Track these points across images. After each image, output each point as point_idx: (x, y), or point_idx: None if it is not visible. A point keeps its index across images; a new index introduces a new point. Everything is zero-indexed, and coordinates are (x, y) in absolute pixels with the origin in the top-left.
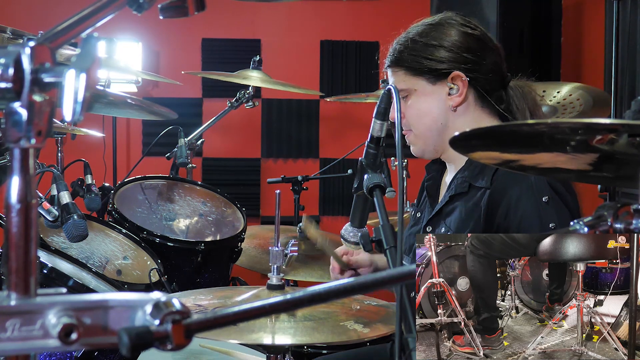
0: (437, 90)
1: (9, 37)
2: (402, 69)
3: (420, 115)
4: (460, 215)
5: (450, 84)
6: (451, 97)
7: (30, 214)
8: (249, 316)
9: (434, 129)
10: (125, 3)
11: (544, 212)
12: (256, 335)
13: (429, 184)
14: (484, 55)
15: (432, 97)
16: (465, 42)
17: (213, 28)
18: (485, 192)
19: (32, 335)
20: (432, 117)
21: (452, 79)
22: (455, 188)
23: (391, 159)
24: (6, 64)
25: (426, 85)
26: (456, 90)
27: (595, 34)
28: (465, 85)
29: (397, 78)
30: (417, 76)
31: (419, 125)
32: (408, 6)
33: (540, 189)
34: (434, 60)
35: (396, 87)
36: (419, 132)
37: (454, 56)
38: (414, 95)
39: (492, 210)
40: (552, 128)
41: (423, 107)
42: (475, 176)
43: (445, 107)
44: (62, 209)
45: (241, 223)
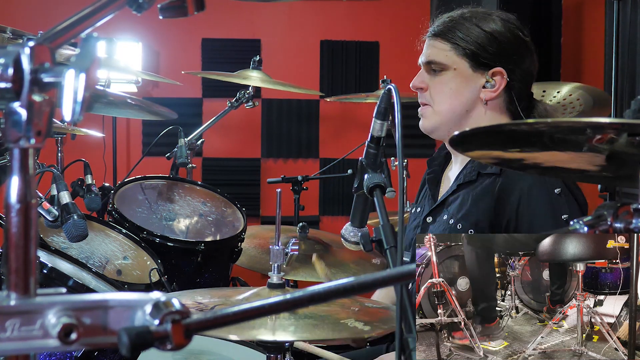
0: (474, 78)
1: (9, 37)
2: (449, 43)
3: (450, 94)
4: (465, 203)
5: (489, 77)
6: (486, 90)
7: (30, 214)
8: (248, 316)
9: (457, 112)
10: (125, 3)
11: (556, 203)
12: (256, 332)
13: (430, 177)
14: (526, 62)
15: (468, 81)
16: (514, 41)
17: (213, 28)
18: (496, 179)
19: (32, 335)
20: (460, 100)
21: (493, 73)
22: (464, 177)
23: (391, 159)
24: (6, 63)
25: (467, 69)
26: (492, 85)
27: (595, 34)
28: (503, 83)
29: (438, 50)
30: (461, 56)
31: (443, 103)
32: (408, 6)
33: (552, 181)
34: (482, 47)
35: (396, 88)
36: (441, 109)
37: (501, 51)
38: (450, 73)
39: (503, 198)
40: (552, 127)
41: (455, 87)
42: (484, 164)
43: (476, 96)
44: (62, 209)
45: (241, 223)
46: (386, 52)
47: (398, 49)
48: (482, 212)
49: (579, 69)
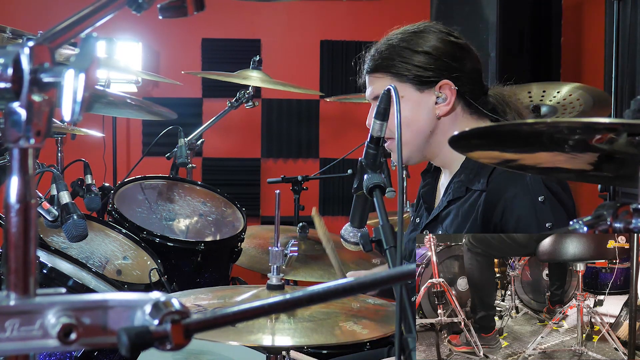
0: (424, 98)
1: (9, 37)
2: (387, 74)
3: (407, 122)
4: (456, 218)
5: (437, 93)
6: (438, 105)
7: (30, 214)
8: (248, 316)
9: (421, 136)
10: (124, 3)
11: (540, 211)
12: (255, 337)
13: (424, 191)
14: (467, 63)
15: (418, 104)
16: (450, 50)
17: (213, 28)
18: (481, 194)
19: (32, 335)
20: (418, 125)
21: (440, 87)
22: (452, 193)
23: (391, 159)
24: (5, 63)
25: (413, 92)
26: (443, 99)
27: (595, 34)
28: (453, 94)
29: (380, 84)
30: (403, 82)
31: (404, 134)
32: (408, 6)
33: (536, 189)
34: (422, 67)
35: (395, 88)
36: (405, 139)
37: (441, 64)
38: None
39: (488, 211)
40: (551, 127)
41: (410, 115)
42: (471, 180)
43: (432, 115)
44: (62, 209)
45: (241, 223)
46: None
47: None
48: (471, 228)
49: (579, 69)
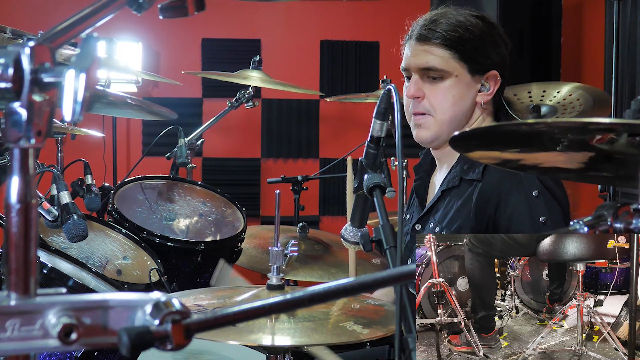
0: (472, 83)
1: (9, 37)
2: (449, 49)
3: (453, 101)
4: (449, 209)
5: (484, 81)
6: (482, 93)
7: (30, 214)
8: (248, 316)
9: (458, 119)
10: (125, 3)
11: (534, 206)
12: (255, 336)
13: (417, 185)
14: (506, 57)
15: (468, 87)
16: (503, 46)
17: (213, 28)
18: (476, 185)
19: (32, 335)
20: (461, 107)
21: (488, 77)
22: (447, 183)
23: (391, 159)
24: (6, 63)
25: (466, 74)
26: (487, 88)
27: (595, 34)
28: (497, 85)
29: (438, 57)
30: (461, 62)
31: (447, 111)
32: (408, 6)
33: (530, 184)
34: (481, 54)
35: (396, 88)
36: (444, 117)
37: (495, 55)
38: (451, 80)
39: (482, 203)
40: (551, 128)
41: (458, 94)
42: (465, 170)
43: (473, 101)
44: (62, 209)
45: (241, 223)
46: (386, 52)
47: (398, 49)
48: (463, 219)
49: (579, 69)
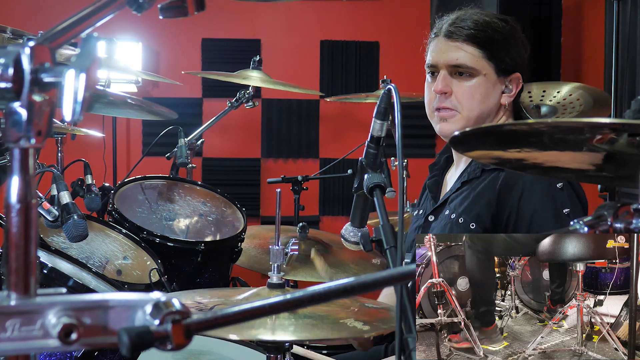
0: (498, 83)
1: (9, 37)
2: (481, 49)
3: (480, 99)
4: (467, 199)
5: (507, 83)
6: (505, 94)
7: (30, 214)
8: (249, 316)
9: (483, 117)
10: (125, 3)
11: (559, 197)
12: (255, 332)
13: (430, 182)
14: (525, 60)
15: (494, 87)
16: (522, 47)
17: (213, 28)
18: (499, 173)
19: (32, 336)
20: (487, 105)
21: (511, 79)
22: (468, 174)
23: (391, 159)
24: (6, 63)
25: (493, 74)
26: (510, 89)
27: (595, 34)
28: (519, 88)
29: (468, 54)
30: (489, 61)
31: (474, 109)
32: (408, 6)
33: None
34: (509, 57)
35: (396, 88)
36: (471, 114)
37: (519, 59)
38: (480, 78)
39: (505, 191)
40: (551, 128)
41: (485, 93)
42: None
43: (498, 101)
44: (62, 209)
45: (241, 223)
46: (386, 52)
47: (398, 49)
48: (483, 206)
49: (579, 69)
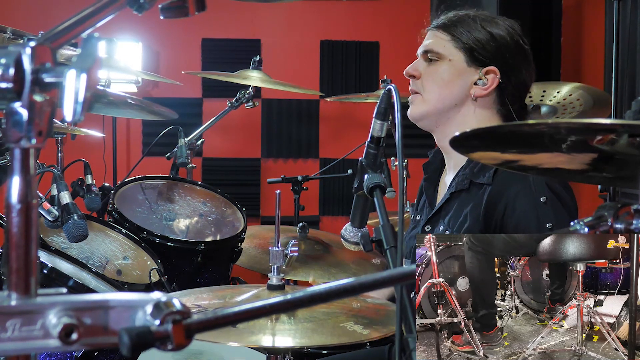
0: (467, 72)
1: (10, 37)
2: (449, 34)
3: (441, 84)
4: (459, 212)
5: (482, 75)
6: (477, 86)
7: (31, 214)
8: (249, 316)
9: (445, 103)
10: (125, 3)
11: (541, 211)
12: (256, 337)
13: (426, 184)
14: (522, 71)
15: (460, 74)
16: (513, 47)
17: (213, 28)
18: (486, 189)
19: (33, 336)
20: (450, 91)
21: (487, 72)
22: (456, 185)
23: (391, 159)
24: (7, 64)
25: (462, 62)
26: (483, 83)
27: (595, 34)
28: (494, 83)
29: (438, 41)
30: (459, 49)
31: (433, 92)
32: (408, 6)
33: (539, 190)
34: (482, 46)
35: (396, 88)
36: (429, 97)
37: (497, 52)
38: (445, 63)
39: (491, 207)
40: (552, 128)
41: (448, 77)
42: (476, 173)
43: (466, 91)
44: (62, 209)
45: (241, 223)
46: (386, 52)
47: (398, 49)
48: (473, 222)
49: (579, 69)
